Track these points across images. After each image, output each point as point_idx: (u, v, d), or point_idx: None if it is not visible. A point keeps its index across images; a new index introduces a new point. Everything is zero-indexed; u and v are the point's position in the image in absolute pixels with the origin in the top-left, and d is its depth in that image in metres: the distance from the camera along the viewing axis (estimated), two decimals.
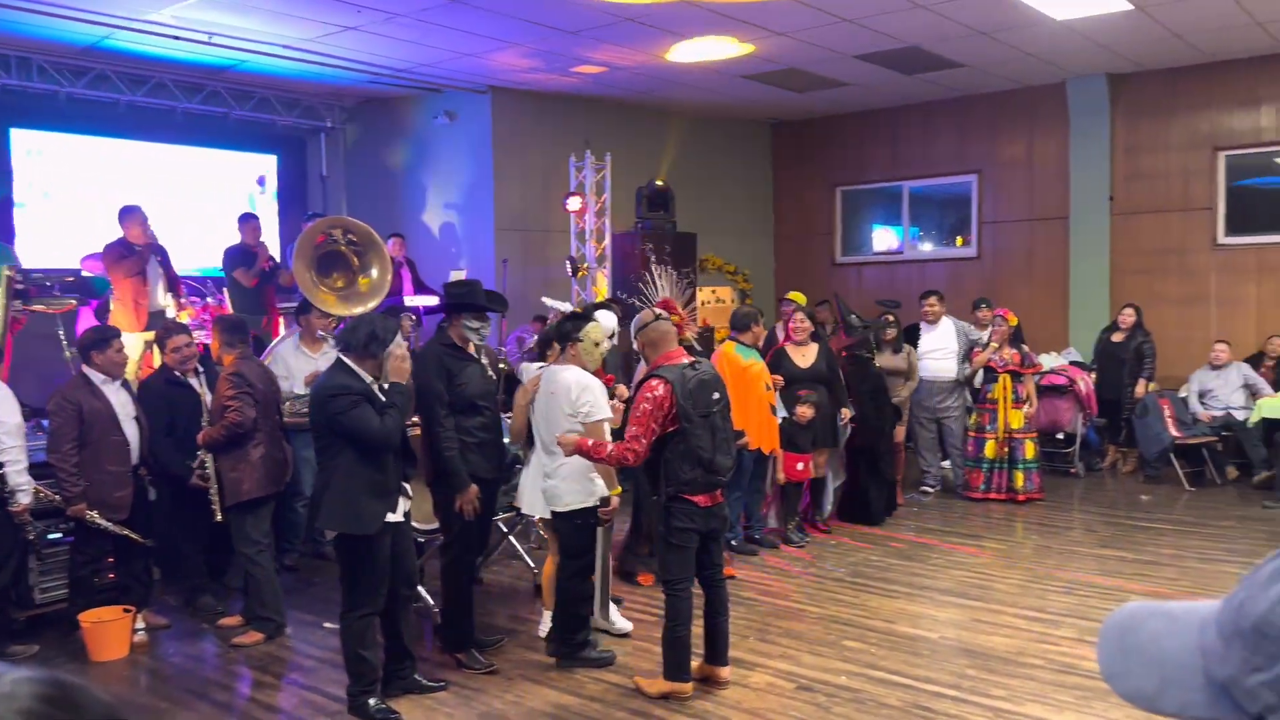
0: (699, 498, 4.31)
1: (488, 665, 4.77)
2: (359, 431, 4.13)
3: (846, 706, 4.33)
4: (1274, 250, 9.60)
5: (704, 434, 4.24)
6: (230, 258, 8.14)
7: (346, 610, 4.31)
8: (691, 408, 4.21)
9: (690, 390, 4.23)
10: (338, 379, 4.23)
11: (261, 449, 5.34)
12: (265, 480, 5.35)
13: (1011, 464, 8.06)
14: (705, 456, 4.23)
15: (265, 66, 8.84)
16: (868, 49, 8.83)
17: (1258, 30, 8.54)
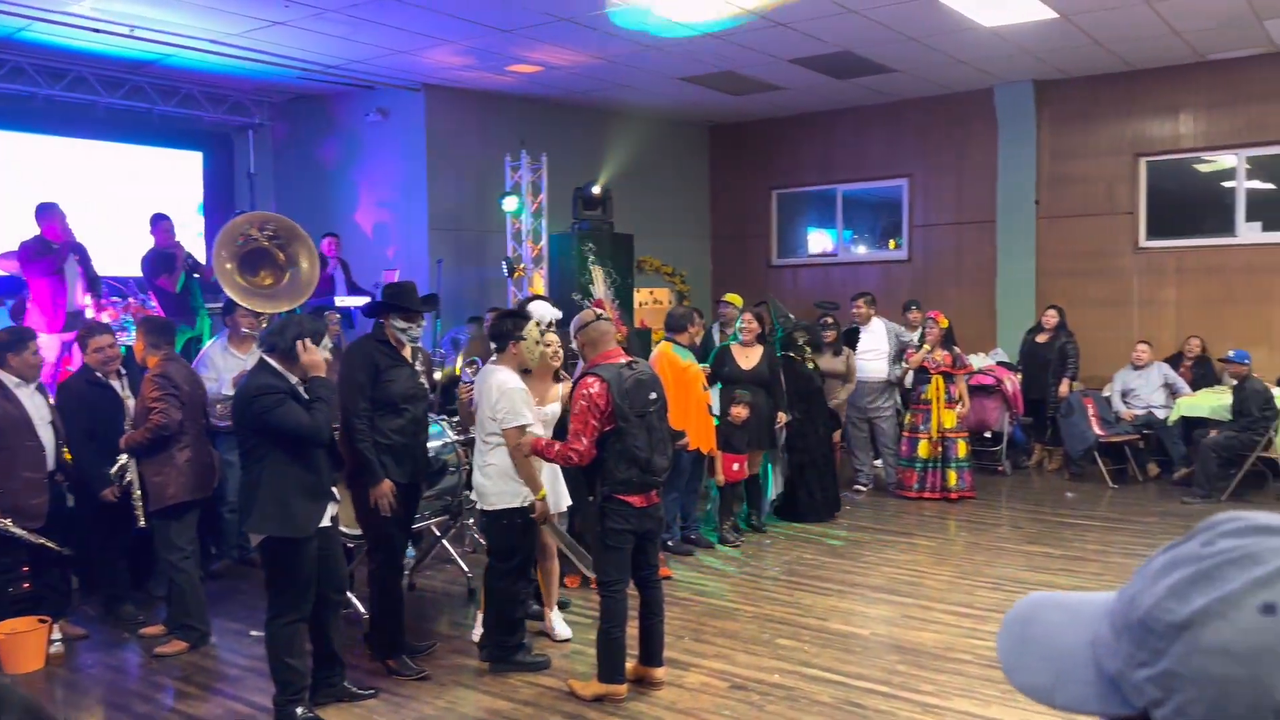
0: (634, 498, 4.30)
1: (419, 671, 4.70)
2: (287, 427, 4.05)
3: (779, 705, 4.36)
4: (1192, 253, 9.92)
5: (640, 433, 4.24)
6: (149, 265, 7.77)
7: (272, 617, 4.22)
8: (628, 407, 4.21)
9: (626, 390, 4.23)
10: (262, 379, 4.15)
11: (188, 453, 5.20)
12: (192, 485, 5.21)
13: (944, 463, 8.20)
14: (641, 456, 4.23)
15: (191, 61, 8.63)
16: (801, 53, 8.92)
17: (1176, 40, 8.81)
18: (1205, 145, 9.89)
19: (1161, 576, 0.65)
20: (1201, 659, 0.60)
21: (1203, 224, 10.05)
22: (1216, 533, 0.65)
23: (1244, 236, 9.72)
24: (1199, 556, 0.64)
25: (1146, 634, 0.64)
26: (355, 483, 4.76)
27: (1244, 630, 0.59)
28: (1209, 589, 0.62)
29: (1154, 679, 0.62)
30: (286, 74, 9.09)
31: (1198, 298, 9.85)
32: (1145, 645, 0.63)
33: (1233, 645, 0.59)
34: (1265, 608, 0.59)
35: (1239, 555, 0.62)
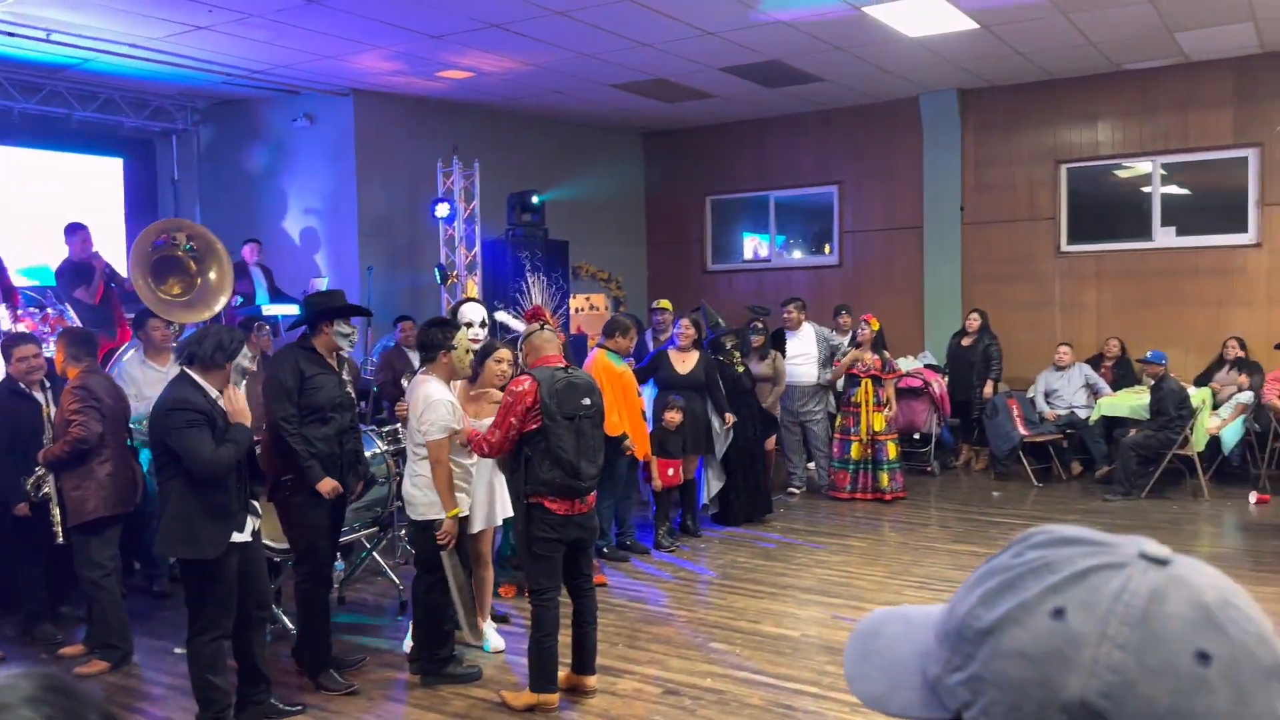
0: (557, 504, 4.25)
1: (348, 686, 4.64)
2: (187, 454, 3.97)
3: (711, 709, 4.39)
4: (1111, 257, 10.22)
5: (567, 436, 4.22)
6: (65, 277, 7.54)
7: (193, 635, 4.13)
8: (556, 407, 4.20)
9: (557, 390, 4.22)
10: (180, 392, 4.07)
11: (109, 466, 5.07)
12: (113, 499, 5.08)
13: (876, 465, 8.33)
14: (565, 458, 4.19)
15: (111, 66, 8.42)
16: (731, 62, 9.01)
17: (1093, 51, 9.08)
18: (1123, 152, 10.20)
19: (976, 586, 0.69)
20: (1001, 662, 0.63)
21: (1121, 229, 10.37)
22: (1026, 545, 0.69)
23: (1160, 241, 10.05)
24: (1007, 567, 0.68)
25: (959, 640, 0.67)
26: (278, 495, 4.70)
27: (1037, 634, 0.63)
28: (1011, 597, 0.65)
29: (964, 682, 0.66)
30: (210, 79, 8.92)
31: (1116, 300, 10.16)
32: (958, 651, 0.67)
33: (1027, 649, 0.63)
34: (1055, 612, 0.63)
35: (1039, 565, 0.66)
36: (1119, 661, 0.60)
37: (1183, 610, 0.61)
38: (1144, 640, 0.60)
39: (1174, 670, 0.59)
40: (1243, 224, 9.70)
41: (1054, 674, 0.61)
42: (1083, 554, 0.65)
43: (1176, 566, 0.64)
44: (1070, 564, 0.65)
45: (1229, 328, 9.44)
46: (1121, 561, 0.64)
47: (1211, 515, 7.85)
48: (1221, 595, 0.63)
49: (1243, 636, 0.61)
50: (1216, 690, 0.59)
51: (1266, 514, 7.78)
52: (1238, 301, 9.63)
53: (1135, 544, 0.66)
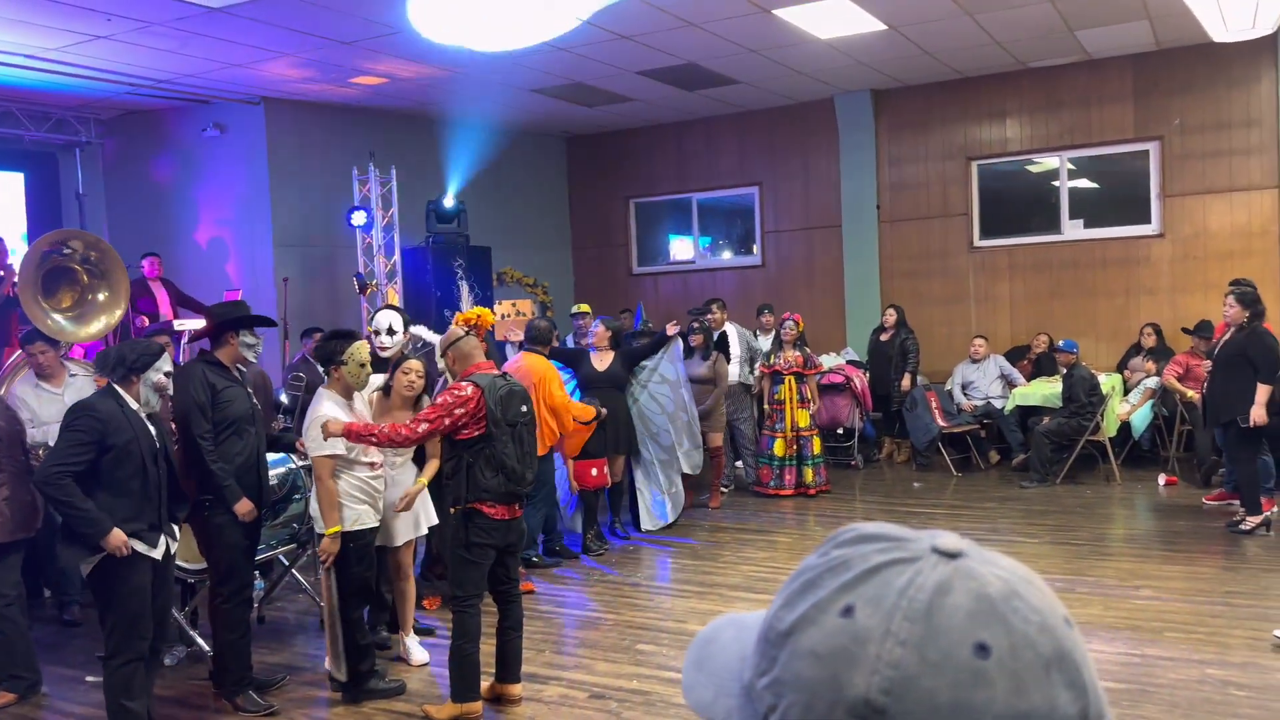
0: (497, 510, 4.24)
1: (267, 707, 4.55)
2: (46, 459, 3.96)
3: (637, 710, 4.40)
4: (1022, 250, 10.50)
5: (509, 443, 4.23)
6: None
7: (109, 657, 4.01)
8: (501, 414, 4.21)
9: (501, 397, 4.23)
10: (92, 399, 4.07)
11: (6, 490, 4.89)
12: (11, 525, 4.90)
13: (800, 460, 8.44)
14: (509, 464, 4.21)
15: (6, 78, 8.14)
16: (647, 65, 9.05)
17: (999, 50, 9.32)
18: (1031, 148, 10.49)
19: (785, 588, 0.68)
20: (798, 663, 0.63)
21: (1031, 223, 10.66)
22: (832, 544, 0.68)
23: (1069, 234, 10.36)
24: (812, 567, 0.67)
25: (766, 644, 0.66)
26: (197, 516, 4.59)
27: (828, 633, 0.62)
28: (810, 596, 0.64)
29: (769, 686, 0.65)
30: (113, 89, 8.67)
31: (1028, 293, 10.44)
32: (765, 655, 0.66)
33: (819, 647, 0.62)
34: (845, 610, 0.62)
35: (837, 563, 0.65)
36: (900, 657, 0.59)
37: (965, 602, 0.60)
38: (925, 634, 0.59)
39: (953, 663, 0.59)
40: (1146, 215, 10.04)
41: (841, 673, 0.60)
42: (877, 550, 0.64)
43: (967, 559, 0.63)
44: (864, 560, 0.64)
45: (1136, 316, 9.77)
46: (913, 556, 0.63)
47: (1124, 498, 8.11)
48: (1008, 585, 0.62)
49: (1024, 626, 0.60)
50: (994, 681, 0.58)
51: (1175, 495, 8.06)
52: (1143, 290, 9.97)
53: (930, 538, 0.64)
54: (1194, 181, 9.75)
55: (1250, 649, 4.75)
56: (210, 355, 4.65)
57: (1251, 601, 5.42)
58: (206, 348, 4.75)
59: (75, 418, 3.99)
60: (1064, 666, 0.61)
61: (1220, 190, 9.65)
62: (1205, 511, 7.41)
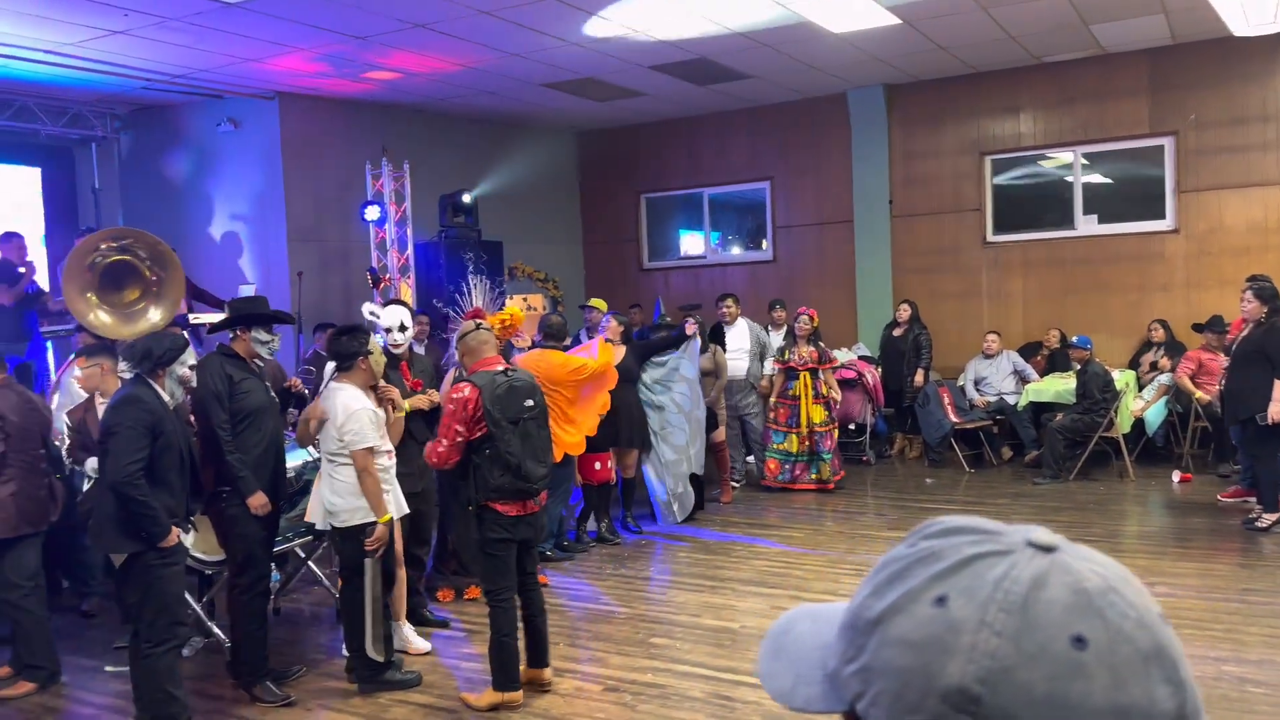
0: (509, 506, 4.27)
1: (284, 698, 4.58)
2: (113, 454, 3.94)
3: (652, 703, 4.41)
4: (1036, 246, 10.47)
5: (514, 440, 4.23)
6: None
7: (151, 646, 4.02)
8: (500, 413, 4.20)
9: (498, 395, 4.23)
10: (132, 391, 4.07)
11: (13, 485, 4.91)
12: (18, 520, 4.91)
13: (816, 455, 8.42)
14: (513, 462, 4.21)
15: (24, 73, 8.18)
16: (659, 60, 9.05)
17: (1013, 44, 9.28)
18: (1045, 143, 10.45)
19: (872, 578, 0.70)
20: (889, 651, 0.64)
21: (1044, 218, 10.62)
22: (920, 535, 0.70)
23: (1082, 229, 10.31)
24: (900, 558, 0.69)
25: (853, 632, 0.68)
26: (214, 507, 4.62)
27: (920, 622, 0.63)
28: (899, 586, 0.66)
29: (856, 673, 0.66)
30: (129, 84, 8.71)
31: (1042, 288, 10.40)
32: (852, 642, 0.68)
33: (910, 636, 0.63)
34: (938, 600, 0.63)
35: (927, 554, 0.67)
36: (996, 647, 0.60)
37: (1062, 596, 0.62)
38: (1022, 626, 0.61)
39: (1050, 655, 0.60)
40: (1161, 211, 10.00)
41: (934, 661, 0.62)
42: (969, 542, 0.66)
43: (1062, 554, 0.64)
44: (956, 552, 0.65)
45: (1150, 312, 9.73)
46: (1007, 549, 0.65)
47: (1137, 495, 8.08)
48: (1105, 580, 0.63)
49: (1121, 621, 0.61)
50: (1093, 674, 0.60)
51: (1189, 492, 8.03)
52: (1157, 286, 9.93)
53: (1023, 532, 0.66)
54: (1209, 177, 9.70)
55: (1267, 646, 4.74)
56: (228, 348, 4.69)
57: (1268, 599, 5.41)
58: (226, 341, 4.79)
59: (123, 413, 3.99)
60: (1162, 662, 0.62)
61: (1236, 185, 9.60)
62: (1221, 509, 7.38)
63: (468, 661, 5.04)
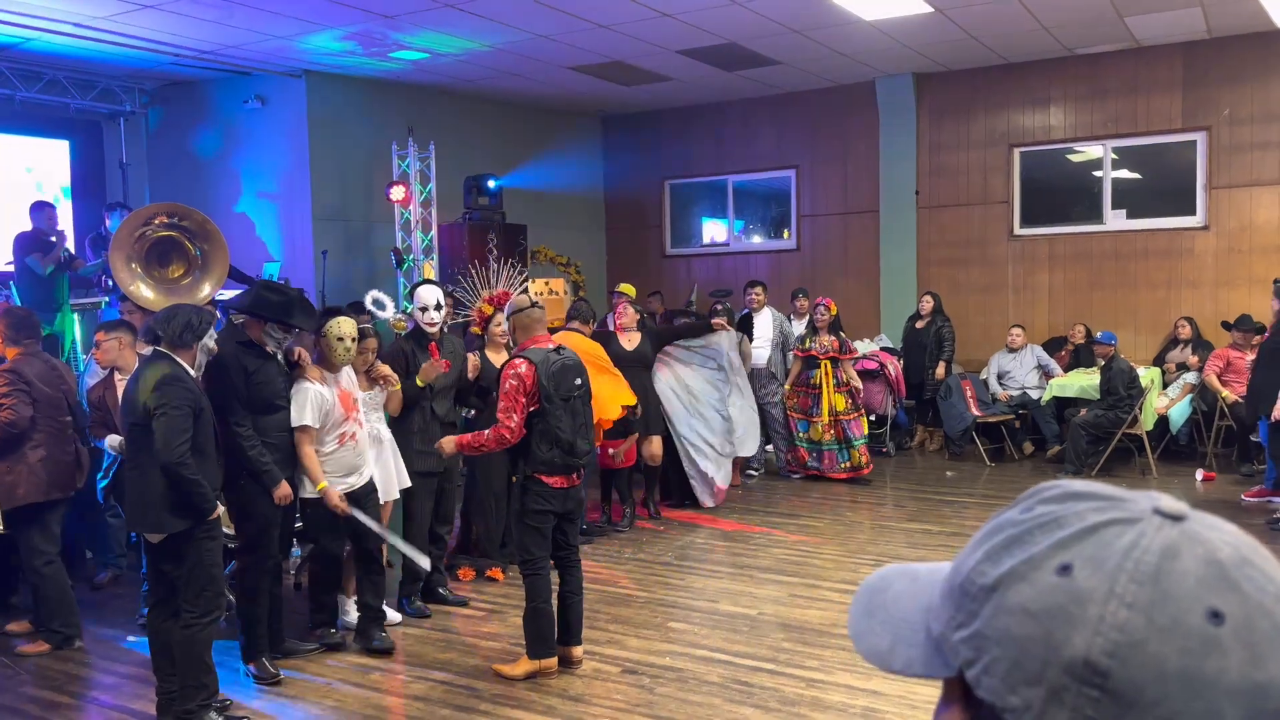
0: (555, 479, 4.40)
1: (273, 676, 4.56)
2: (165, 435, 3.93)
3: (669, 686, 4.42)
4: (1063, 240, 10.37)
5: (564, 416, 4.37)
6: (23, 243, 7.58)
7: (196, 616, 4.04)
8: (554, 389, 4.34)
9: (553, 373, 4.36)
10: (167, 368, 4.04)
11: (41, 451, 4.98)
12: (44, 485, 4.98)
13: (847, 443, 8.37)
14: (565, 438, 4.35)
15: (55, 46, 8.23)
16: (688, 44, 9.00)
17: (1046, 35, 9.18)
18: (1074, 136, 10.34)
19: (982, 543, 0.67)
20: (1005, 619, 0.62)
21: (1073, 212, 10.52)
22: (1035, 499, 0.67)
23: (1110, 224, 10.21)
24: (1015, 523, 0.66)
25: (964, 597, 0.66)
26: (232, 486, 4.63)
27: (1041, 590, 0.61)
28: (1018, 552, 0.64)
29: (967, 640, 0.64)
30: (158, 59, 8.74)
31: (1068, 283, 10.31)
32: (962, 608, 0.65)
33: (1031, 604, 0.61)
34: (1062, 568, 0.61)
35: (1047, 520, 0.64)
36: (1126, 620, 0.58)
37: (1195, 568, 0.59)
38: (1154, 598, 0.58)
39: (1184, 629, 0.57)
40: (1191, 207, 9.88)
41: (1058, 631, 0.60)
42: (1093, 509, 0.64)
43: (1192, 523, 0.62)
44: (1080, 519, 0.63)
45: (1178, 309, 9.63)
46: (1134, 517, 0.62)
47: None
48: (1238, 552, 0.60)
49: (1259, 595, 0.59)
50: (1229, 650, 0.57)
51: (1212, 491, 7.96)
52: (1186, 283, 9.83)
53: (1150, 499, 0.64)
54: (1241, 173, 9.57)
55: None
56: (241, 334, 4.65)
57: None
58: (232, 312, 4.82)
59: (170, 392, 3.97)
60: None
61: (1268, 183, 9.47)
62: (1244, 508, 7.31)
63: (487, 641, 5.06)
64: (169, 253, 6.08)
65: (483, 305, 5.94)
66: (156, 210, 6.32)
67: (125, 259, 5.78)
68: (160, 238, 6.00)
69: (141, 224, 5.93)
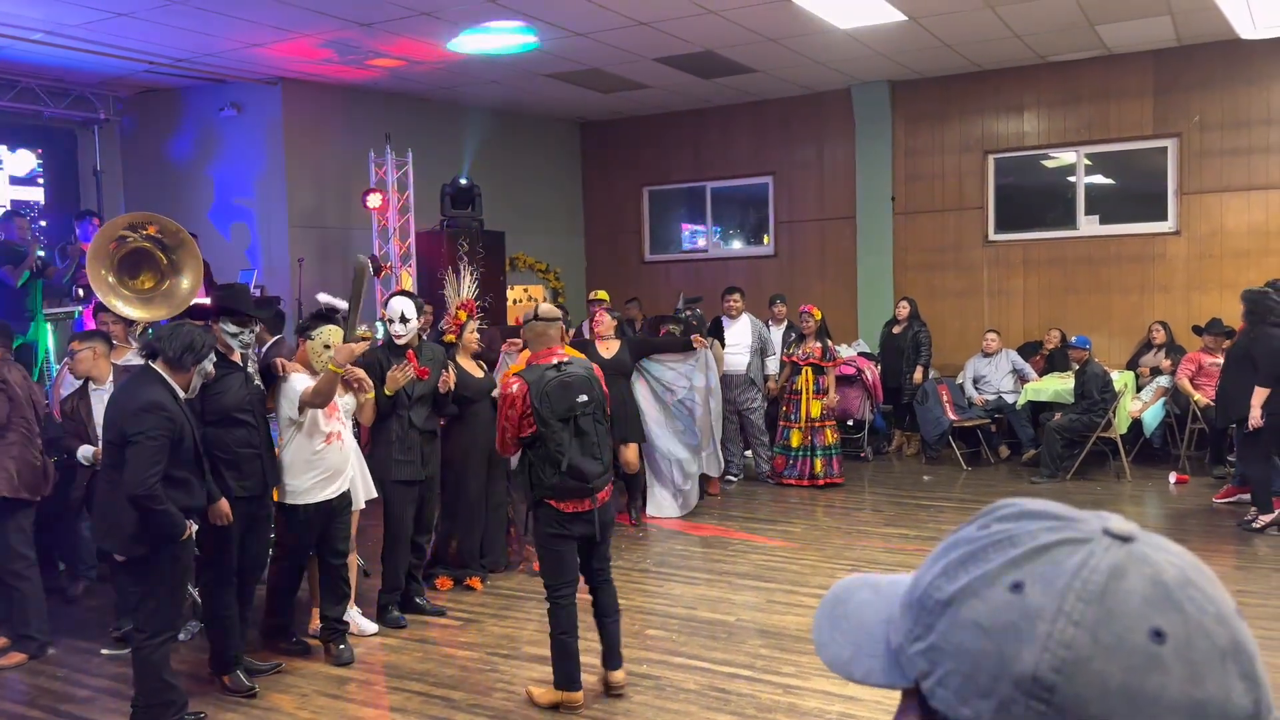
0: (565, 504, 4.12)
1: (249, 689, 4.52)
2: (132, 465, 3.85)
3: (646, 694, 4.42)
4: (1037, 245, 10.47)
5: (564, 437, 4.08)
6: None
7: (151, 635, 3.98)
8: (549, 411, 4.05)
9: (546, 392, 4.06)
10: (152, 393, 3.93)
11: (15, 449, 4.97)
12: (19, 483, 4.96)
13: (812, 451, 8.45)
14: (566, 461, 4.06)
15: (26, 53, 8.17)
16: (665, 52, 9.04)
17: (1018, 43, 9.28)
18: (1048, 143, 10.44)
19: (940, 558, 0.69)
20: (959, 633, 0.64)
21: (1046, 218, 10.62)
22: (993, 517, 0.69)
23: (1084, 229, 10.32)
24: (971, 539, 0.68)
25: (921, 610, 0.68)
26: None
27: (994, 607, 0.63)
28: (973, 568, 0.66)
29: (923, 652, 0.66)
30: (133, 67, 8.69)
31: (1042, 288, 10.41)
32: (919, 621, 0.67)
33: (984, 620, 0.63)
34: (1014, 586, 0.63)
35: (1002, 538, 0.66)
36: (1073, 637, 0.60)
37: (1141, 587, 0.61)
38: (1099, 617, 0.60)
39: (1128, 647, 0.60)
40: (1163, 212, 10.00)
41: (1008, 647, 0.62)
42: (1046, 528, 0.65)
43: (1140, 544, 0.64)
44: (1032, 538, 0.65)
45: (1150, 313, 9.74)
46: (1085, 537, 0.64)
47: (1134, 495, 8.10)
48: (1182, 573, 0.62)
49: (1200, 615, 0.61)
50: (1170, 668, 0.59)
51: (1185, 493, 8.05)
52: (1158, 287, 9.94)
53: (1100, 520, 0.65)
54: (1212, 179, 9.70)
55: (1262, 648, 4.68)
56: None
57: (1263, 600, 5.42)
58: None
59: (146, 421, 3.87)
60: (1239, 657, 0.62)
61: (1238, 188, 9.60)
62: (1216, 510, 7.40)
63: (464, 650, 5.05)
64: (139, 264, 6.05)
65: (458, 313, 5.95)
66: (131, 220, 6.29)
67: (100, 270, 5.74)
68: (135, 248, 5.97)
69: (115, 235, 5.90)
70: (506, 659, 4.90)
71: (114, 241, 6.04)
